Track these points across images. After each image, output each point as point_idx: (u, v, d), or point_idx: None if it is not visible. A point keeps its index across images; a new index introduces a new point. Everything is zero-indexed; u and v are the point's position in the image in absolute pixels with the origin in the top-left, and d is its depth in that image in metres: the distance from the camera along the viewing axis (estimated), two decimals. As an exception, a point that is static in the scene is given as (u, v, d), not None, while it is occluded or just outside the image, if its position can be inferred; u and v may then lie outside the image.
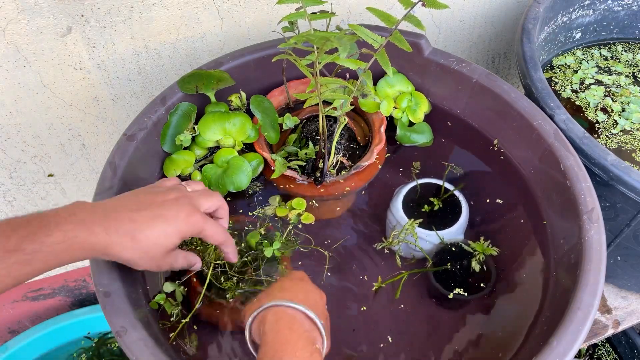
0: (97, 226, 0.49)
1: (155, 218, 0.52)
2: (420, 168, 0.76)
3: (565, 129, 0.70)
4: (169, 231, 0.53)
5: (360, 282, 0.66)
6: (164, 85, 0.87)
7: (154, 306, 0.62)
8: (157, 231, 0.52)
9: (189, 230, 0.54)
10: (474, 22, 1.03)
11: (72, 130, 0.88)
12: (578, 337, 0.53)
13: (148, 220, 0.52)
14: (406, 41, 0.57)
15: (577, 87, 0.92)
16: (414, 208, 0.72)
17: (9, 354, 1.10)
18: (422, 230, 0.68)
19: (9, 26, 0.72)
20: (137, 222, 0.51)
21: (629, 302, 0.92)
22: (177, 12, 0.79)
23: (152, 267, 0.54)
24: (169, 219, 0.53)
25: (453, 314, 0.64)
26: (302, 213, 0.71)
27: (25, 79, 0.78)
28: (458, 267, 0.67)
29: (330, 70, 0.74)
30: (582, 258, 0.58)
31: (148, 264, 0.53)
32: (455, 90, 0.79)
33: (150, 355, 0.52)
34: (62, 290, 1.20)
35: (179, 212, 0.54)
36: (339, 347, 0.61)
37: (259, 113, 0.75)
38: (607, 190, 0.70)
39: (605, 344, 1.27)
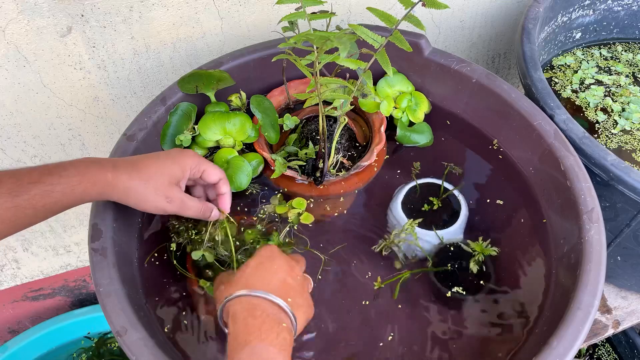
0: (105, 162, 0.55)
1: (154, 156, 0.60)
2: (420, 168, 0.76)
3: (565, 129, 0.70)
4: (169, 162, 0.59)
5: (360, 282, 0.66)
6: (164, 85, 0.87)
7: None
8: (158, 161, 0.58)
9: (187, 162, 0.60)
10: (474, 22, 1.03)
11: (72, 130, 0.88)
12: (578, 337, 0.53)
13: (148, 156, 0.59)
14: (406, 41, 0.57)
15: (577, 87, 0.92)
16: (414, 208, 0.72)
17: (9, 354, 1.10)
18: (421, 230, 0.68)
19: (9, 26, 0.72)
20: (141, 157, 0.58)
21: (629, 302, 0.92)
22: (177, 12, 0.79)
23: (161, 201, 0.58)
24: (168, 153, 0.61)
25: (453, 313, 0.64)
26: (302, 213, 0.71)
27: (25, 79, 0.78)
28: (458, 267, 0.67)
29: (330, 70, 0.74)
30: (582, 258, 0.58)
31: (155, 196, 0.57)
32: (455, 90, 0.79)
33: (150, 355, 0.52)
34: (62, 290, 1.20)
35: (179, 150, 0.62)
36: (339, 347, 0.61)
37: (259, 113, 0.75)
38: (607, 190, 0.70)
39: (605, 344, 1.27)
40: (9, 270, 1.08)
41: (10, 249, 1.04)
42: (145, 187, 0.56)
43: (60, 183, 0.51)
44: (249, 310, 0.51)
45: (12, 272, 1.09)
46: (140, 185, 0.56)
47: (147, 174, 0.57)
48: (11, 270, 1.09)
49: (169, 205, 0.58)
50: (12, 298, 1.16)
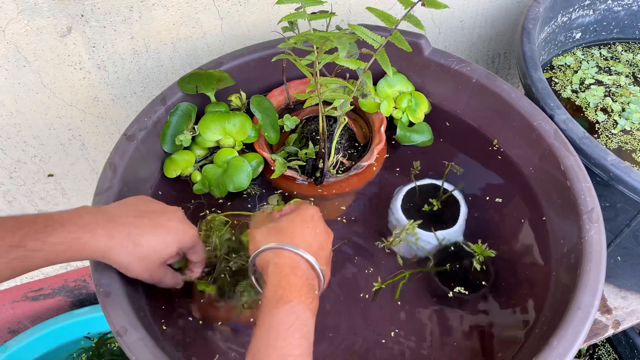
0: (100, 229, 0.51)
1: (157, 226, 0.54)
2: (420, 168, 0.76)
3: (565, 129, 0.70)
4: (169, 240, 0.55)
5: (361, 282, 0.66)
6: (164, 85, 0.87)
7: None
8: (158, 239, 0.54)
9: (187, 243, 0.57)
10: (474, 22, 1.03)
11: (72, 130, 0.88)
12: (578, 337, 0.53)
13: (150, 227, 0.54)
14: (406, 41, 0.57)
15: (577, 87, 0.92)
16: (414, 208, 0.72)
17: (9, 354, 1.10)
18: (421, 231, 0.68)
19: (9, 26, 0.72)
20: (139, 228, 0.53)
21: (629, 302, 0.92)
22: (177, 12, 0.79)
23: (144, 276, 0.55)
24: (169, 229, 0.55)
25: (453, 314, 0.64)
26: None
27: (25, 79, 0.78)
28: (457, 268, 0.67)
29: (330, 70, 0.74)
30: (582, 258, 0.58)
31: (141, 272, 0.55)
32: (455, 90, 0.79)
33: (150, 355, 0.52)
34: (62, 290, 1.20)
35: (179, 224, 0.56)
36: (339, 347, 0.61)
37: (259, 113, 0.75)
38: (607, 190, 0.70)
39: (605, 344, 1.27)
40: (9, 270, 1.08)
41: (10, 249, 1.03)
42: (137, 264, 0.54)
43: (43, 250, 0.47)
44: (291, 267, 0.51)
45: (12, 272, 1.09)
46: (132, 262, 0.53)
47: (146, 252, 0.53)
48: (11, 270, 1.08)
49: (148, 280, 0.57)
50: (12, 298, 1.16)
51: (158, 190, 0.72)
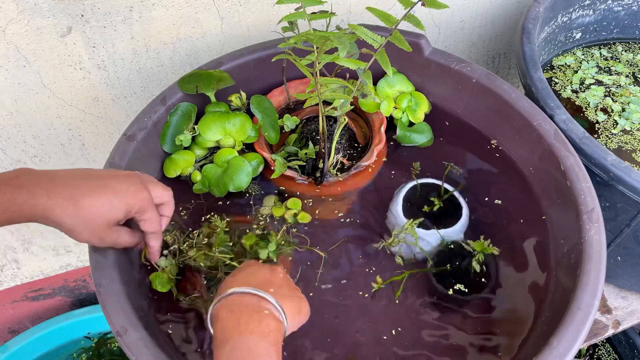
0: (39, 189, 0.48)
1: (102, 187, 0.51)
2: (420, 168, 0.76)
3: (565, 129, 0.70)
4: (115, 203, 0.52)
5: (361, 282, 0.66)
6: (164, 85, 0.87)
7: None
8: (102, 200, 0.51)
9: (136, 206, 0.54)
10: (474, 22, 1.03)
11: (72, 130, 0.88)
12: (578, 337, 0.53)
13: (94, 188, 0.51)
14: (406, 41, 0.57)
15: (577, 87, 0.92)
16: (414, 208, 0.72)
17: (9, 354, 1.10)
18: (421, 231, 0.68)
19: (9, 26, 0.72)
20: (81, 189, 0.50)
21: (629, 302, 0.92)
22: (177, 12, 0.79)
23: (93, 240, 0.53)
24: (117, 191, 0.52)
25: (453, 313, 0.64)
26: (298, 213, 0.71)
27: (25, 79, 0.78)
28: (458, 267, 0.67)
29: (330, 70, 0.74)
30: (582, 258, 0.58)
31: (89, 235, 0.52)
32: (455, 90, 0.79)
33: (150, 355, 0.52)
34: (62, 290, 1.20)
35: (130, 186, 0.53)
36: (339, 346, 0.61)
37: (259, 113, 0.75)
38: (607, 190, 0.70)
39: (605, 344, 1.27)
40: (9, 270, 1.08)
41: (11, 249, 1.04)
42: (81, 226, 0.51)
43: None
44: (227, 307, 0.50)
45: (12, 272, 1.09)
46: (76, 224, 0.50)
47: (88, 214, 0.50)
48: (11, 270, 1.09)
49: (99, 244, 0.54)
50: (12, 298, 1.16)
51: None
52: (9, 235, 1.00)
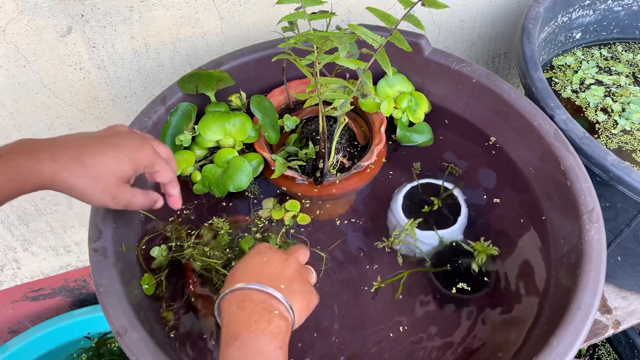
0: (42, 153, 0.48)
1: (106, 145, 0.52)
2: (420, 168, 0.76)
3: (566, 129, 0.70)
4: (121, 157, 0.52)
5: (361, 282, 0.66)
6: (164, 85, 0.87)
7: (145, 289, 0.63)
8: (107, 157, 0.51)
9: (141, 160, 0.54)
10: (474, 22, 1.03)
11: (72, 131, 0.88)
12: (578, 337, 0.53)
13: (98, 146, 0.51)
14: (406, 41, 0.57)
15: (577, 87, 0.92)
16: (414, 208, 0.72)
17: (9, 354, 1.10)
18: (421, 231, 0.68)
19: (9, 26, 0.72)
20: (86, 148, 0.50)
21: (629, 302, 0.92)
22: (177, 12, 0.79)
23: (107, 200, 0.52)
24: (122, 147, 0.52)
25: (453, 313, 0.64)
26: (297, 215, 0.70)
27: (25, 79, 0.78)
28: (458, 267, 0.67)
29: (330, 70, 0.74)
30: (582, 258, 0.58)
31: (101, 195, 0.51)
32: (455, 90, 0.79)
33: (150, 355, 0.52)
34: (62, 290, 1.20)
35: (132, 141, 0.54)
36: (339, 346, 0.61)
37: (259, 113, 0.75)
38: (607, 190, 0.70)
39: (605, 344, 1.27)
40: (9, 270, 1.08)
41: (10, 249, 1.04)
42: (91, 185, 0.50)
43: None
44: (237, 303, 0.49)
45: (12, 272, 1.09)
46: (85, 184, 0.50)
47: (96, 171, 0.50)
48: (11, 270, 1.09)
49: (114, 204, 0.54)
50: (12, 298, 1.16)
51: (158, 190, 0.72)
52: (9, 236, 1.00)
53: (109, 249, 0.59)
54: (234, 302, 0.49)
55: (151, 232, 0.68)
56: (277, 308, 0.49)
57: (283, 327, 0.48)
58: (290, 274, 0.53)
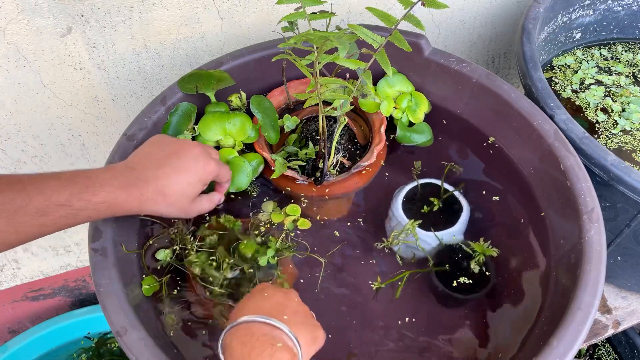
0: (133, 189, 0.56)
1: (178, 172, 0.59)
2: (421, 168, 0.76)
3: (565, 129, 0.70)
4: (192, 181, 0.60)
5: (361, 282, 0.66)
6: (164, 85, 0.87)
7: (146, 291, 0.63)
8: (182, 184, 0.59)
9: (209, 177, 0.62)
10: (474, 22, 1.03)
11: (72, 130, 0.88)
12: (578, 337, 0.53)
13: (172, 174, 0.59)
14: (406, 41, 0.57)
15: (577, 87, 0.92)
16: (414, 208, 0.72)
17: (9, 354, 1.10)
18: (422, 231, 0.68)
19: (9, 26, 0.72)
20: (162, 179, 0.58)
21: (629, 302, 0.92)
22: (177, 12, 0.79)
23: (181, 215, 0.62)
24: (190, 170, 0.60)
25: (453, 313, 0.64)
26: (298, 219, 0.70)
27: (25, 79, 0.78)
28: (458, 268, 0.67)
29: (330, 70, 0.74)
30: (582, 258, 0.58)
31: (178, 213, 0.61)
32: (455, 90, 0.79)
33: (150, 355, 0.52)
34: (62, 290, 1.20)
35: (197, 162, 0.61)
36: (338, 346, 0.61)
37: (259, 113, 0.75)
38: (607, 190, 0.70)
39: (605, 344, 1.27)
40: (9, 270, 1.08)
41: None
42: (169, 209, 0.59)
43: (87, 209, 0.52)
44: (239, 338, 0.48)
45: (12, 272, 1.09)
46: (165, 208, 0.59)
47: (174, 199, 0.59)
48: (11, 270, 1.09)
49: (186, 216, 0.63)
50: (12, 298, 1.16)
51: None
52: (9, 235, 1.00)
53: (109, 249, 0.59)
54: (235, 338, 0.49)
55: (155, 236, 0.68)
56: (281, 339, 0.48)
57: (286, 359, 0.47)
58: (293, 306, 0.53)
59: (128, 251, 0.63)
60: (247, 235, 0.68)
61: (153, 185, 0.57)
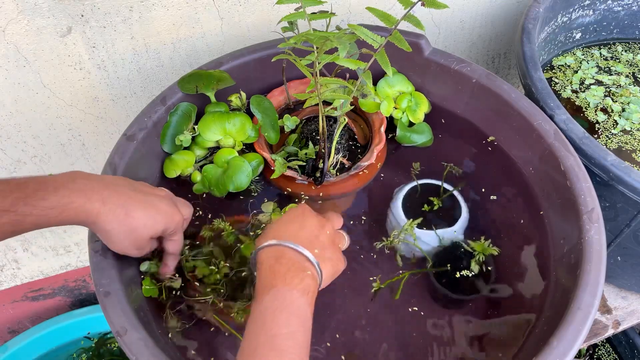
0: (95, 194, 0.52)
1: (148, 203, 0.56)
2: (420, 168, 0.76)
3: (565, 129, 0.70)
4: (158, 219, 0.57)
5: (361, 282, 0.66)
6: (164, 85, 0.87)
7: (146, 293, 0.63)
8: (148, 216, 0.55)
9: (171, 227, 0.58)
10: (474, 22, 1.03)
11: (72, 130, 0.88)
12: (578, 337, 0.53)
13: (143, 203, 0.55)
14: (406, 41, 0.57)
15: (577, 87, 0.92)
16: (414, 208, 0.72)
17: (9, 354, 1.10)
18: (421, 231, 0.68)
19: (9, 26, 0.72)
20: (133, 200, 0.54)
21: (629, 302, 0.92)
22: (177, 12, 0.79)
23: (131, 250, 0.57)
24: (160, 209, 0.57)
25: (453, 313, 0.64)
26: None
27: (25, 79, 0.78)
28: (458, 267, 0.67)
29: (330, 70, 0.74)
30: (582, 258, 0.58)
31: (128, 245, 0.56)
32: (455, 90, 0.79)
33: (150, 355, 0.52)
34: (62, 290, 1.20)
35: (168, 207, 0.58)
36: (338, 346, 0.61)
37: (259, 113, 0.75)
38: (607, 190, 0.70)
39: (605, 344, 1.27)
40: (9, 270, 1.08)
41: (10, 249, 1.04)
42: (125, 235, 0.55)
43: (32, 214, 0.48)
44: (275, 258, 0.53)
45: (12, 272, 1.09)
46: (122, 232, 0.54)
47: (136, 224, 0.55)
48: (11, 270, 1.09)
49: (137, 254, 0.58)
50: (12, 298, 1.16)
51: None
52: (9, 235, 1.00)
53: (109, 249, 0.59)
54: (272, 256, 0.53)
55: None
56: (309, 269, 0.53)
57: (312, 286, 0.52)
58: (324, 241, 0.57)
59: None
60: (247, 236, 0.68)
61: (122, 199, 0.53)
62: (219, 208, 0.72)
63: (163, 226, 0.57)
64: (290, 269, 0.52)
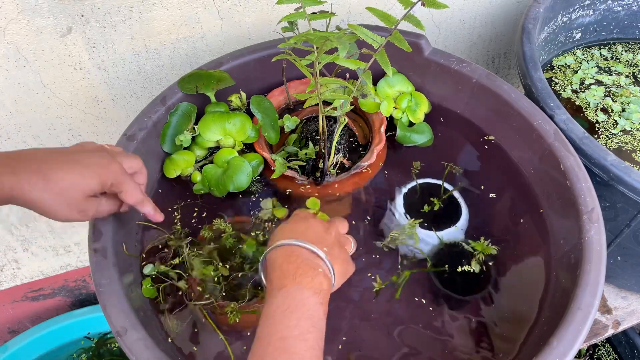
0: (2, 167, 0.47)
1: (71, 161, 0.50)
2: (420, 168, 0.76)
3: (565, 129, 0.70)
4: (86, 174, 0.51)
5: (361, 282, 0.66)
6: (164, 85, 0.87)
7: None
8: (72, 173, 0.50)
9: (110, 179, 0.53)
10: (474, 22, 1.03)
11: (72, 130, 0.88)
12: (578, 337, 0.53)
13: (63, 161, 0.50)
14: (406, 41, 0.57)
15: (577, 87, 0.92)
16: (414, 208, 0.72)
17: (9, 354, 1.10)
18: (422, 231, 0.68)
19: (9, 26, 0.72)
20: (49, 163, 0.49)
21: (629, 302, 0.92)
22: (177, 12, 0.79)
23: (73, 214, 0.51)
24: (88, 165, 0.51)
25: (453, 313, 0.64)
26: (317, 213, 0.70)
27: (25, 79, 0.78)
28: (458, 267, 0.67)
29: (330, 70, 0.74)
30: (582, 258, 0.58)
31: (67, 210, 0.50)
32: (455, 90, 0.79)
33: (150, 356, 0.52)
34: (62, 290, 1.20)
35: (100, 159, 0.52)
36: (338, 347, 0.61)
37: (259, 113, 0.75)
38: (607, 190, 0.70)
39: (605, 344, 1.27)
40: (9, 270, 1.08)
41: (10, 249, 1.04)
42: (55, 201, 0.49)
43: None
44: (284, 257, 0.52)
45: (12, 272, 1.09)
46: (48, 199, 0.48)
47: (59, 187, 0.49)
48: (11, 271, 1.09)
49: (82, 217, 0.53)
50: (12, 298, 1.16)
51: (158, 190, 0.72)
52: (8, 236, 1.01)
53: (109, 249, 0.59)
54: (280, 256, 0.52)
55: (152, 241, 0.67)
56: (321, 267, 0.52)
57: (325, 284, 0.51)
58: (331, 240, 0.56)
59: (129, 254, 0.63)
60: (248, 234, 0.68)
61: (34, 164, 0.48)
62: (219, 208, 0.72)
63: (97, 179, 0.51)
64: (300, 266, 0.51)
